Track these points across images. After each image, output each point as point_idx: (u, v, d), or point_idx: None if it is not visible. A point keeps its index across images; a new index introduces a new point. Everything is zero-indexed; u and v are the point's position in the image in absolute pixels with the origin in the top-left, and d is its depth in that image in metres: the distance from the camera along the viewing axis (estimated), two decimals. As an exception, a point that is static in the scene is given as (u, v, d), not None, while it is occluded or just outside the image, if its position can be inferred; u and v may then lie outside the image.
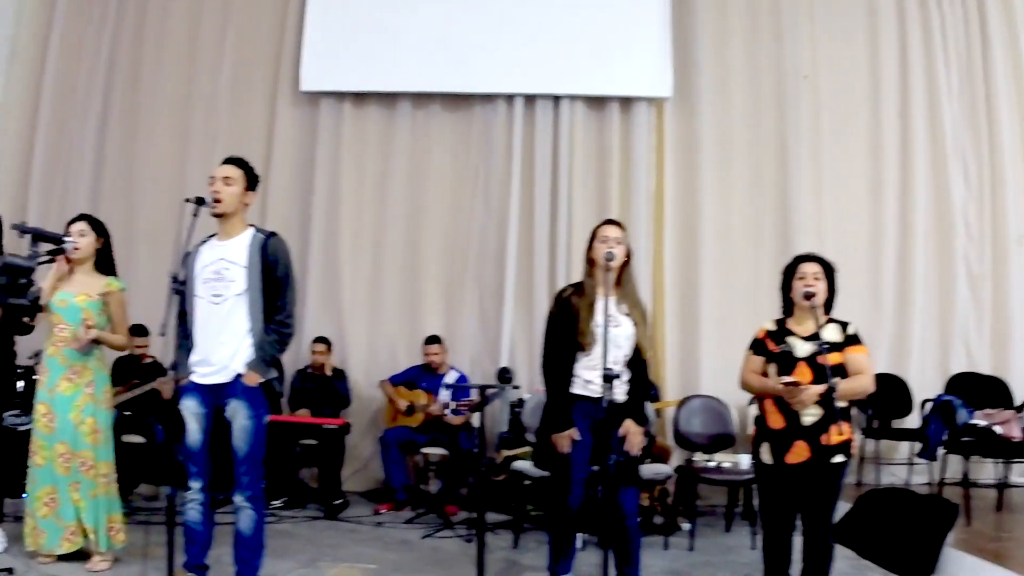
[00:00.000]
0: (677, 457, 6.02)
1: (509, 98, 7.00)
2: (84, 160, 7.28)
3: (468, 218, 7.04)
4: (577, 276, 6.52)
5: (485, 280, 6.98)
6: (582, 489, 3.80)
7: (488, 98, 7.04)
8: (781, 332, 3.81)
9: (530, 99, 7.00)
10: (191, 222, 3.45)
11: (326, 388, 6.43)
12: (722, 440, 5.80)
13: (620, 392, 3.77)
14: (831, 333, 3.69)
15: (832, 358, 3.58)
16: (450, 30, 6.96)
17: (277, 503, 5.87)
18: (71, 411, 4.04)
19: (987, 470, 6.08)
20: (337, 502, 5.93)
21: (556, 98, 6.98)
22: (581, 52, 6.86)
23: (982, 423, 5.50)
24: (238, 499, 3.67)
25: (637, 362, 3.85)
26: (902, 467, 6.42)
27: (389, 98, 7.11)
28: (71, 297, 4.11)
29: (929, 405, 5.95)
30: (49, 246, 3.80)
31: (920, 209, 6.86)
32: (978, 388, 6.35)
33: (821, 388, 3.53)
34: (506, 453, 6.13)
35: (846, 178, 6.92)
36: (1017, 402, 6.23)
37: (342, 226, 7.02)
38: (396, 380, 6.49)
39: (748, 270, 6.82)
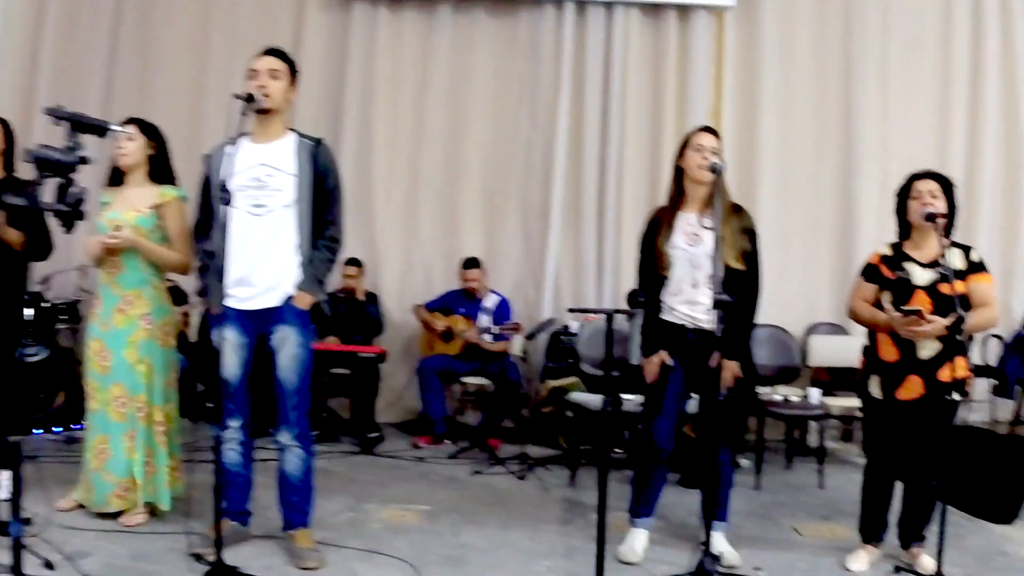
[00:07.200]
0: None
1: (558, 3, 6.58)
2: (94, 68, 6.79)
3: (512, 132, 6.67)
4: (629, 194, 6.38)
5: (530, 199, 6.64)
6: (671, 424, 3.47)
7: (536, 3, 6.61)
8: (898, 257, 3.46)
9: (581, 5, 6.58)
10: (239, 121, 2.99)
11: (358, 313, 6.11)
12: (787, 373, 5.48)
13: (707, 319, 3.38)
14: (954, 259, 3.31)
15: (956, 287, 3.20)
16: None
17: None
18: (126, 348, 3.55)
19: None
20: (372, 435, 5.62)
21: (609, 4, 6.55)
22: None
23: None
24: (284, 438, 3.43)
25: (740, 284, 3.36)
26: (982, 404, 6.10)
27: (428, 2, 6.67)
28: (120, 216, 3.60)
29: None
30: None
31: (990, 133, 6.46)
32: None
33: (948, 320, 3.17)
34: (552, 384, 5.82)
35: (913, 98, 6.53)
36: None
37: (376, 140, 6.66)
38: (432, 306, 6.16)
39: (808, 190, 6.52)
